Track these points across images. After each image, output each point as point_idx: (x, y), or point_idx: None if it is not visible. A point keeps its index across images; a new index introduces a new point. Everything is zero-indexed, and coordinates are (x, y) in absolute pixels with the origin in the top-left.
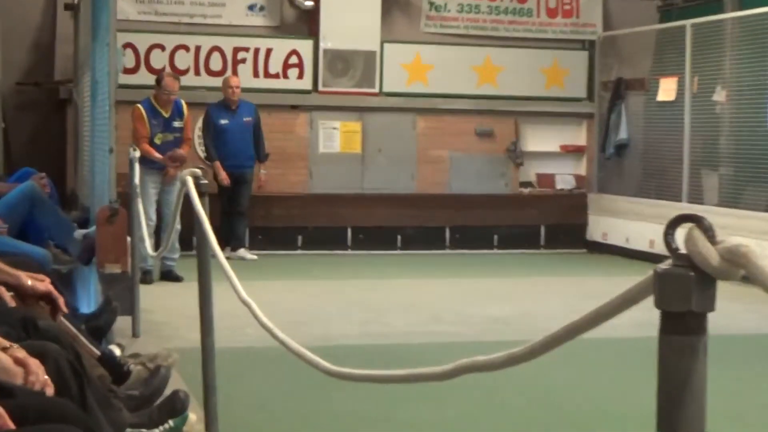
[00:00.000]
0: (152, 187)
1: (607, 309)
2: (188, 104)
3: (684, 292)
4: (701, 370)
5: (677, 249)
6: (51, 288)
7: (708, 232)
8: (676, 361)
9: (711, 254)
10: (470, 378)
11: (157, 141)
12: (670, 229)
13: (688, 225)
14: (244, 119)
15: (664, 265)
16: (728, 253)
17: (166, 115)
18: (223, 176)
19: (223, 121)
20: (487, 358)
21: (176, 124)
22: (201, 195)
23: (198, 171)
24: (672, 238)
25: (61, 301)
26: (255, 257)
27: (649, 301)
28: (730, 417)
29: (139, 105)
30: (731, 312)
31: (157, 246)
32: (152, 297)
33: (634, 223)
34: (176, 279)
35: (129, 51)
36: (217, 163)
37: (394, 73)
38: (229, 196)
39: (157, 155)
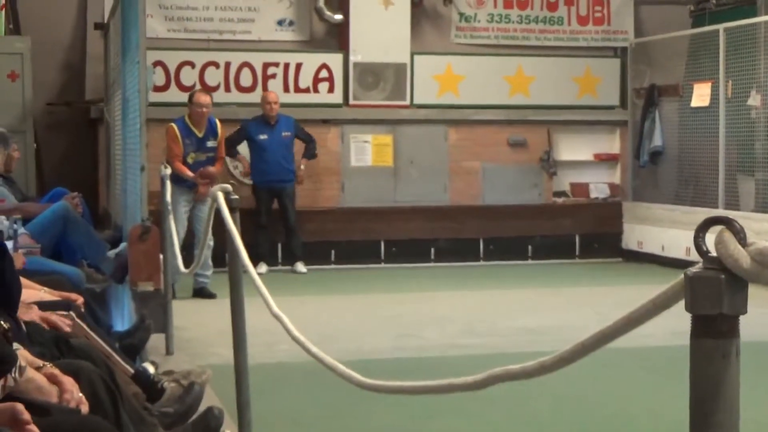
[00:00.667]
0: (183, 204)
1: (638, 315)
2: (220, 121)
3: (715, 294)
4: (734, 375)
5: (708, 252)
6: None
7: (738, 234)
8: (708, 366)
9: (742, 256)
10: (502, 389)
11: (190, 160)
12: (701, 233)
13: (718, 228)
14: (283, 134)
15: (695, 269)
16: (759, 255)
17: (200, 135)
18: (246, 166)
19: (262, 137)
20: (518, 367)
21: (210, 144)
22: (232, 210)
23: (228, 186)
24: (702, 241)
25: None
26: (305, 271)
27: (684, 308)
28: (764, 426)
29: (173, 124)
30: (764, 319)
31: (188, 263)
32: (185, 314)
33: (669, 231)
34: (209, 296)
35: (159, 69)
36: (240, 156)
37: (424, 85)
38: (266, 211)
39: (189, 173)
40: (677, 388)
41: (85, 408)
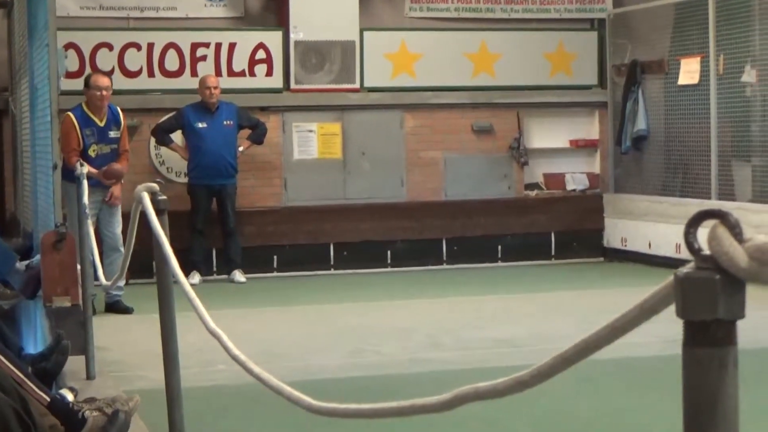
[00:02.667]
0: (90, 207)
1: (623, 322)
2: (142, 110)
3: (709, 298)
4: (732, 386)
5: (700, 249)
6: None
7: (734, 229)
8: (703, 377)
9: (738, 254)
10: (473, 409)
11: (92, 153)
12: (692, 228)
13: (711, 222)
14: (225, 123)
15: (686, 269)
16: (758, 252)
17: (101, 124)
18: (182, 152)
19: (201, 125)
20: (489, 385)
21: (113, 134)
22: (159, 213)
23: (155, 186)
24: (694, 237)
25: None
26: (244, 280)
27: (674, 313)
28: None
29: (69, 113)
30: (762, 322)
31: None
32: (108, 332)
33: (657, 226)
34: (125, 311)
35: (71, 52)
36: (174, 144)
37: (376, 66)
38: (204, 213)
39: (91, 169)
40: (668, 402)
41: None
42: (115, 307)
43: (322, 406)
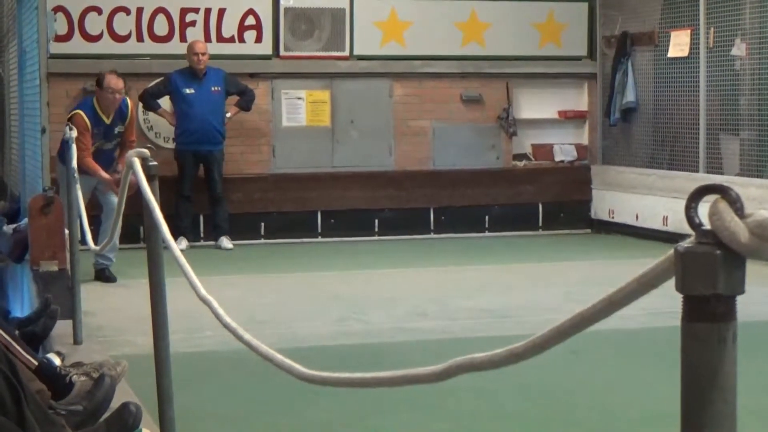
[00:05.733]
0: (85, 188)
1: (621, 296)
2: (130, 75)
3: (710, 273)
4: (731, 362)
5: (701, 224)
6: None
7: (735, 204)
8: (703, 353)
9: (740, 229)
10: (463, 380)
11: (93, 149)
12: (693, 203)
13: (712, 197)
14: (213, 89)
15: (686, 243)
16: (759, 228)
17: (108, 122)
18: (170, 119)
19: (189, 91)
20: (485, 356)
21: (117, 129)
22: (150, 179)
23: (146, 151)
24: (695, 212)
25: None
26: (231, 246)
27: (664, 287)
28: (762, 415)
29: (80, 112)
30: (759, 297)
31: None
32: (95, 298)
33: (644, 198)
34: (108, 279)
35: (60, 15)
36: (161, 110)
37: (366, 33)
38: (190, 179)
39: (104, 175)
40: (660, 377)
41: None
42: (101, 275)
43: (315, 375)
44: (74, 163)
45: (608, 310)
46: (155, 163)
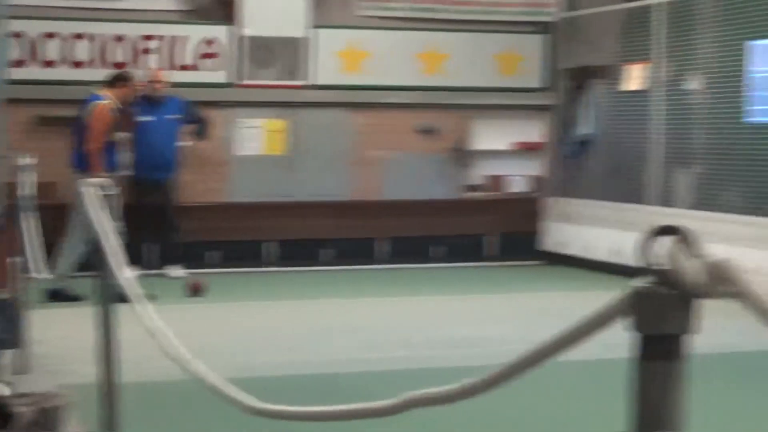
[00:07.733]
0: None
1: (574, 334)
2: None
3: (666, 313)
4: (681, 398)
5: (656, 264)
6: None
7: (692, 246)
8: (658, 389)
9: (697, 272)
10: (417, 413)
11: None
12: (648, 242)
13: (668, 237)
14: (169, 116)
15: (641, 283)
16: (715, 269)
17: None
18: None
19: (146, 118)
20: (439, 390)
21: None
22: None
23: (106, 180)
24: (650, 251)
25: None
26: (185, 275)
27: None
28: None
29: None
30: (705, 328)
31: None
32: (43, 326)
33: (596, 230)
34: (73, 299)
35: (18, 41)
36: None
37: (325, 63)
38: (144, 206)
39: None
40: (611, 409)
41: None
42: (57, 294)
43: (262, 407)
44: (27, 190)
45: (560, 347)
46: (114, 192)
